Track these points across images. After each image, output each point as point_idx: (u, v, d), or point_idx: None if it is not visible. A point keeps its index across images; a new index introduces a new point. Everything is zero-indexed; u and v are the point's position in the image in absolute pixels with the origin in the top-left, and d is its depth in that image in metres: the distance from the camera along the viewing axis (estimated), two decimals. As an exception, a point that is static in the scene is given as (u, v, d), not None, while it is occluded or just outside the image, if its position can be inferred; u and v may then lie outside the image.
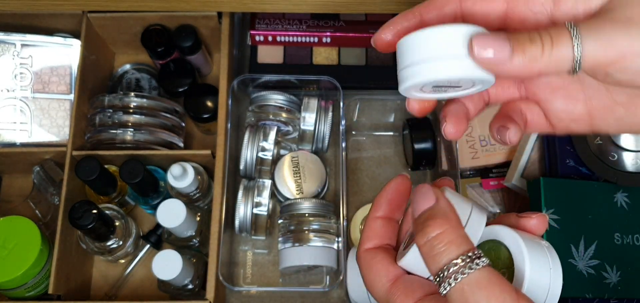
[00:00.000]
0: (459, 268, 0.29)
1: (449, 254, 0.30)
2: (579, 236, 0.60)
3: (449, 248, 0.30)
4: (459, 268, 0.29)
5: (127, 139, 0.65)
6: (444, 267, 0.29)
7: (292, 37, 0.75)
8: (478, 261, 0.29)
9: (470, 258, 0.29)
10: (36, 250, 0.60)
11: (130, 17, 0.69)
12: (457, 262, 0.29)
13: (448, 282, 0.29)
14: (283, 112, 0.70)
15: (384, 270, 0.35)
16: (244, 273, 0.71)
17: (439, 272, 0.30)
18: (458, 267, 0.29)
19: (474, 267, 0.29)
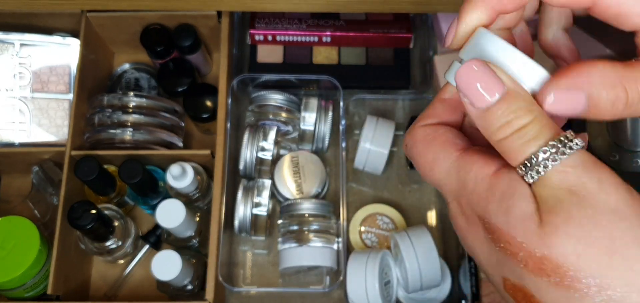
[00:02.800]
0: (550, 155, 0.26)
1: (538, 141, 0.26)
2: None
3: (538, 137, 0.26)
4: (550, 155, 0.26)
5: (126, 139, 0.65)
6: (531, 155, 0.26)
7: (292, 36, 0.75)
8: (571, 144, 0.26)
9: (563, 142, 0.26)
10: (35, 250, 0.60)
11: (130, 16, 0.69)
12: (547, 149, 0.26)
13: (538, 169, 0.26)
14: (283, 112, 0.70)
15: (451, 141, 0.30)
16: (243, 274, 0.70)
17: (525, 162, 0.26)
18: (549, 153, 0.26)
19: (566, 153, 0.26)
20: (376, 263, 0.62)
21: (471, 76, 0.28)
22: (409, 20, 0.76)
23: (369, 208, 0.71)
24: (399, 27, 0.75)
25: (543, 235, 0.25)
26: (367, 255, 0.63)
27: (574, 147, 0.26)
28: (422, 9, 0.60)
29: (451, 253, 0.68)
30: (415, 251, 0.61)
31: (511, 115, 0.27)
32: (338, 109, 0.72)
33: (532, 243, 0.26)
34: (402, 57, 0.76)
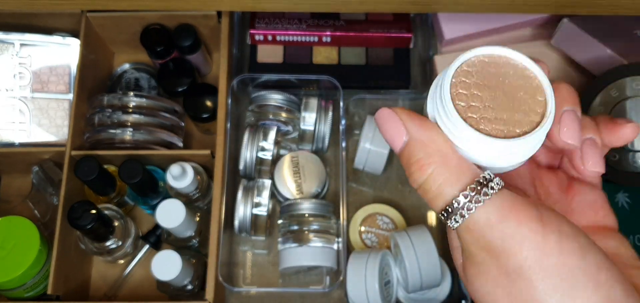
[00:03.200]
0: (463, 205, 0.26)
1: (447, 193, 0.26)
2: (580, 236, 0.60)
3: (444, 188, 0.26)
4: (464, 205, 0.26)
5: (126, 139, 0.65)
6: (447, 205, 0.26)
7: (292, 36, 0.75)
8: (487, 189, 0.26)
9: (477, 189, 0.26)
10: (35, 250, 0.60)
11: (130, 16, 0.69)
12: (460, 200, 0.26)
13: (461, 214, 0.26)
14: (283, 112, 0.70)
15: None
16: (243, 274, 0.70)
17: (446, 207, 0.26)
18: (462, 203, 0.26)
19: (482, 198, 0.25)
20: (376, 263, 0.62)
21: (383, 122, 0.29)
22: (409, 20, 0.76)
23: (369, 208, 0.71)
24: (399, 27, 0.75)
25: (466, 280, 0.28)
26: (367, 255, 0.63)
27: (494, 187, 0.26)
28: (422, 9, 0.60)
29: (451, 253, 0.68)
30: (415, 251, 0.61)
31: (412, 166, 0.27)
32: (338, 109, 0.72)
33: (464, 283, 0.28)
34: (402, 57, 0.76)
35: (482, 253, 0.26)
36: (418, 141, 0.27)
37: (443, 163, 0.27)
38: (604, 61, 0.66)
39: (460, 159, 0.27)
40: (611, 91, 0.62)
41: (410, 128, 0.27)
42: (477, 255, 0.26)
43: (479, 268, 0.26)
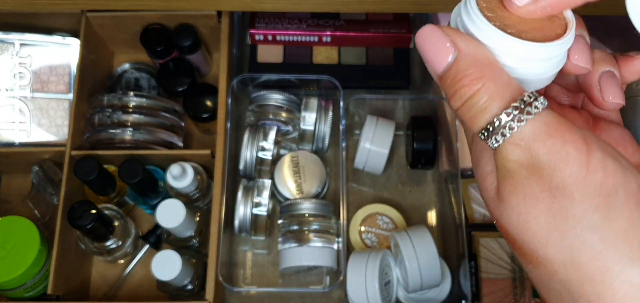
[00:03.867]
0: (506, 123, 0.25)
1: (492, 110, 0.25)
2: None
3: (490, 103, 0.25)
4: (506, 123, 0.25)
5: (126, 138, 0.65)
6: (489, 123, 0.25)
7: (292, 36, 0.75)
8: (531, 108, 0.25)
9: (520, 108, 0.25)
10: (35, 250, 0.60)
11: (130, 16, 0.69)
12: (502, 118, 0.25)
13: (502, 133, 0.25)
14: (283, 112, 0.70)
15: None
16: (243, 274, 0.70)
17: (487, 126, 0.25)
18: (505, 122, 0.25)
19: (525, 117, 0.25)
20: (376, 263, 0.62)
21: (426, 40, 0.27)
22: (409, 20, 0.76)
23: (369, 208, 0.71)
24: (399, 27, 0.75)
25: (497, 204, 0.26)
26: (367, 255, 0.63)
27: (538, 107, 0.25)
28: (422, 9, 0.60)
29: (451, 253, 0.68)
30: (415, 251, 0.61)
31: (461, 81, 0.26)
32: (338, 109, 0.72)
33: (492, 210, 0.27)
34: (402, 57, 0.76)
35: (523, 170, 0.25)
36: (469, 55, 0.26)
37: (493, 77, 0.26)
38: (604, 60, 0.65)
39: (508, 75, 0.26)
40: (611, 91, 0.62)
41: (460, 43, 0.26)
42: (518, 172, 0.25)
43: (518, 186, 0.25)
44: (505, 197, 0.26)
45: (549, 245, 0.25)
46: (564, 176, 0.25)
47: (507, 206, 0.26)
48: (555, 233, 0.25)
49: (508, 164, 0.26)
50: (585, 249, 0.24)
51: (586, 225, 0.24)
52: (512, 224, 0.26)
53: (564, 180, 0.25)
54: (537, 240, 0.25)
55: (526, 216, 0.25)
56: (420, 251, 0.61)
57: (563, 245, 0.25)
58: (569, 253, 0.24)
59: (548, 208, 0.25)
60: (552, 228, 0.25)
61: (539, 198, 0.25)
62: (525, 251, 0.26)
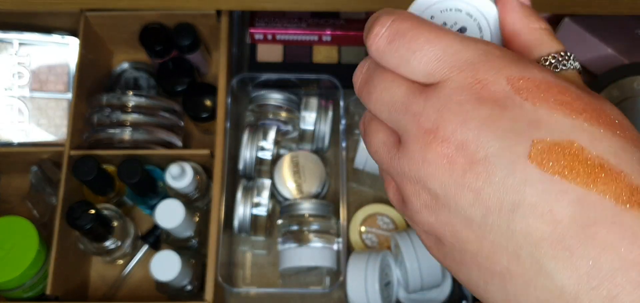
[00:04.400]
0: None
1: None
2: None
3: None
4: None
5: (125, 138, 0.65)
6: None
7: (292, 35, 0.74)
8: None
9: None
10: (34, 250, 0.60)
11: (129, 15, 0.69)
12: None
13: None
14: (283, 112, 0.70)
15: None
16: (243, 274, 0.70)
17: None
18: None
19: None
20: (376, 263, 0.62)
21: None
22: (410, 20, 0.76)
23: (369, 208, 0.71)
24: (399, 26, 0.75)
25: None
26: (367, 256, 0.63)
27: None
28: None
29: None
30: (415, 251, 0.61)
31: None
32: (338, 108, 0.71)
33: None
34: (402, 57, 0.75)
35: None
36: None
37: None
38: (605, 60, 0.65)
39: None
40: (612, 90, 0.62)
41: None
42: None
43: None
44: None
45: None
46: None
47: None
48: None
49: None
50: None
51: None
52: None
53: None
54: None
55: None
56: (421, 251, 0.61)
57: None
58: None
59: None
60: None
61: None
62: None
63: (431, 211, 0.23)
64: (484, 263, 0.22)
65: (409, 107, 0.24)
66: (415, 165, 0.23)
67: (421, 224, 0.24)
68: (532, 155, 0.21)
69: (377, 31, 0.25)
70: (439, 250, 0.25)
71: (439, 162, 0.22)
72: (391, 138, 0.25)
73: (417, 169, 0.23)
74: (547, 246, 0.20)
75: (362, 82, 0.26)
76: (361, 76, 0.27)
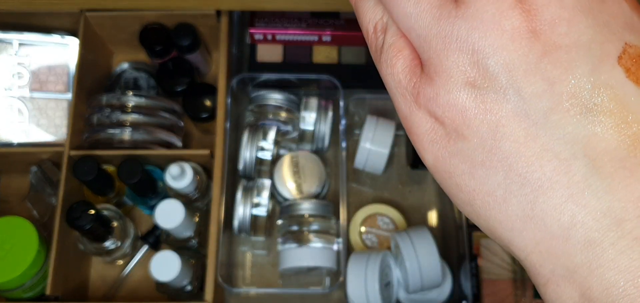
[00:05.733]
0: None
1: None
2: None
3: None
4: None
5: (125, 138, 0.65)
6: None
7: (291, 35, 0.74)
8: None
9: None
10: (34, 250, 0.60)
11: (129, 15, 0.69)
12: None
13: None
14: (282, 112, 0.70)
15: None
16: (243, 275, 0.70)
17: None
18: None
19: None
20: (376, 264, 0.61)
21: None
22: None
23: (369, 208, 0.71)
24: (399, 26, 0.75)
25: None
26: (367, 256, 0.63)
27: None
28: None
29: (452, 254, 0.68)
30: (415, 251, 0.61)
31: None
32: (338, 109, 0.71)
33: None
34: (402, 57, 0.75)
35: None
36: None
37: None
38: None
39: None
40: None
41: None
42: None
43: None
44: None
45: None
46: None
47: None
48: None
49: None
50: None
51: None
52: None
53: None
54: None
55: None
56: (421, 251, 0.61)
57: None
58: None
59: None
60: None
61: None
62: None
63: (474, 92, 0.19)
64: (519, 168, 0.19)
65: None
66: (480, 30, 0.19)
67: (446, 106, 0.20)
68: (622, 58, 0.18)
69: None
70: (449, 146, 0.20)
71: (515, 34, 0.18)
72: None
73: (480, 35, 0.19)
74: (608, 160, 0.18)
75: None
76: None
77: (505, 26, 0.18)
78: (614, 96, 0.18)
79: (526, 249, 0.19)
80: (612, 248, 0.18)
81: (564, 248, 0.19)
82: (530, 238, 0.19)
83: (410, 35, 0.21)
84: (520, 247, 0.20)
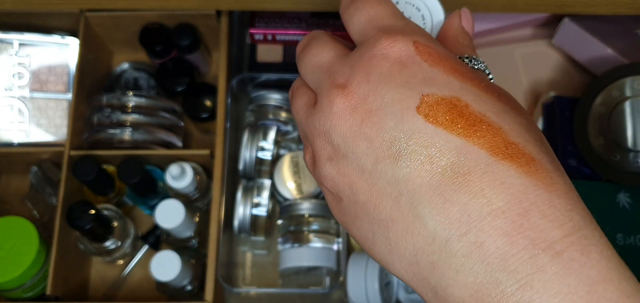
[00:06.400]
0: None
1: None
2: (581, 237, 0.60)
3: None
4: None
5: (125, 138, 0.65)
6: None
7: (292, 35, 0.74)
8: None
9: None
10: (34, 250, 0.60)
11: (129, 15, 0.69)
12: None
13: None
14: (283, 112, 0.70)
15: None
16: (243, 275, 0.70)
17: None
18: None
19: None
20: (376, 263, 0.62)
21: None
22: (409, 20, 0.76)
23: (369, 208, 0.71)
24: (399, 26, 0.75)
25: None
26: (367, 256, 0.63)
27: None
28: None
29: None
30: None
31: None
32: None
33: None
34: (402, 57, 0.75)
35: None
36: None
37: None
38: (604, 60, 0.65)
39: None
40: (612, 90, 0.62)
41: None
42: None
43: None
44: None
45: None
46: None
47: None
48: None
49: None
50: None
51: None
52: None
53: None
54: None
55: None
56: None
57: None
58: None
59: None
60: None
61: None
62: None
63: (333, 164, 0.25)
64: (372, 212, 0.24)
65: (331, 67, 0.25)
66: (324, 118, 0.25)
67: (325, 178, 0.25)
68: (420, 107, 0.23)
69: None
70: (338, 207, 0.26)
71: (342, 113, 0.24)
72: (312, 99, 0.27)
73: (324, 121, 0.25)
74: (424, 192, 0.22)
75: (300, 47, 0.28)
76: (302, 43, 0.28)
77: (335, 109, 0.24)
78: (418, 139, 0.22)
79: (404, 278, 0.23)
80: (449, 268, 0.21)
81: (420, 273, 0.22)
82: (399, 268, 0.23)
83: (301, 132, 0.29)
84: (400, 276, 0.24)
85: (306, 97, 0.27)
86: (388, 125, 0.23)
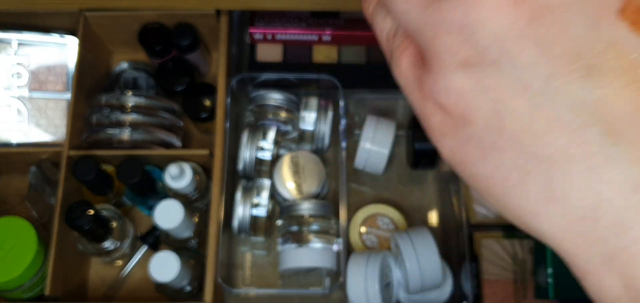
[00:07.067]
0: None
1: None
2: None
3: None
4: None
5: (125, 138, 0.65)
6: None
7: (291, 35, 0.74)
8: None
9: None
10: (33, 251, 0.60)
11: (128, 15, 0.69)
12: None
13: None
14: (282, 112, 0.70)
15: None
16: (242, 275, 0.70)
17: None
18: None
19: None
20: (376, 264, 0.61)
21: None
22: (410, 19, 0.75)
23: (369, 208, 0.70)
24: (399, 25, 0.75)
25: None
26: (367, 256, 0.63)
27: None
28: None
29: (452, 254, 0.68)
30: (416, 252, 0.61)
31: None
32: (338, 108, 0.71)
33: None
34: (402, 56, 0.75)
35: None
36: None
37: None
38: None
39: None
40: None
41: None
42: None
43: None
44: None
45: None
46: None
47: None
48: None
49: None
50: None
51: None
52: None
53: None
54: None
55: None
56: (421, 252, 0.60)
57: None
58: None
59: None
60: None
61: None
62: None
63: (470, 72, 0.18)
64: (528, 145, 0.17)
65: None
66: (463, 7, 0.18)
67: (446, 91, 0.19)
68: (624, 11, 0.16)
69: None
70: (456, 134, 0.19)
71: (500, 3, 0.17)
72: None
73: (464, 12, 0.18)
74: (626, 126, 0.16)
75: None
76: None
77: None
78: (620, 52, 0.16)
79: (556, 236, 0.18)
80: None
81: (594, 232, 0.17)
82: (557, 223, 0.17)
83: (409, 32, 0.21)
84: (549, 235, 0.18)
85: None
86: (577, 28, 0.16)
